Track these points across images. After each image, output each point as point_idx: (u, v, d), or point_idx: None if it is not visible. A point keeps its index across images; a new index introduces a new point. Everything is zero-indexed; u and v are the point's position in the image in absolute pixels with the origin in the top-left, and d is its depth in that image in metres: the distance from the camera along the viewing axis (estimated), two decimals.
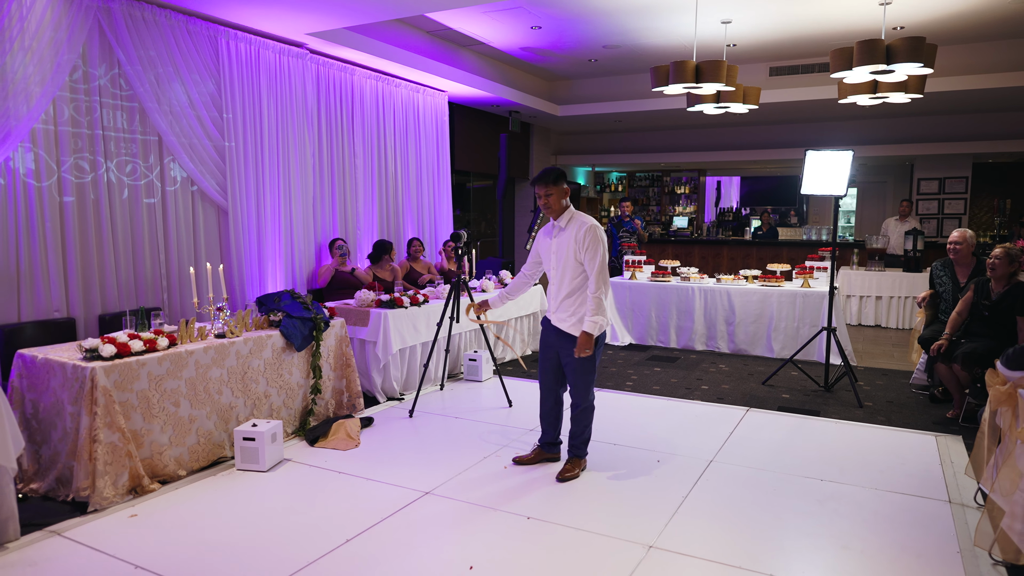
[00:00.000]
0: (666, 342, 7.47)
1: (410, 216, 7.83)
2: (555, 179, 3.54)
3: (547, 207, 3.55)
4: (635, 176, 14.78)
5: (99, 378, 3.38)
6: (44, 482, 3.55)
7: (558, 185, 3.54)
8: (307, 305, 4.62)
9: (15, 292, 4.29)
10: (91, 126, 4.65)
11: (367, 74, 7.10)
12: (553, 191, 3.52)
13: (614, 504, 3.45)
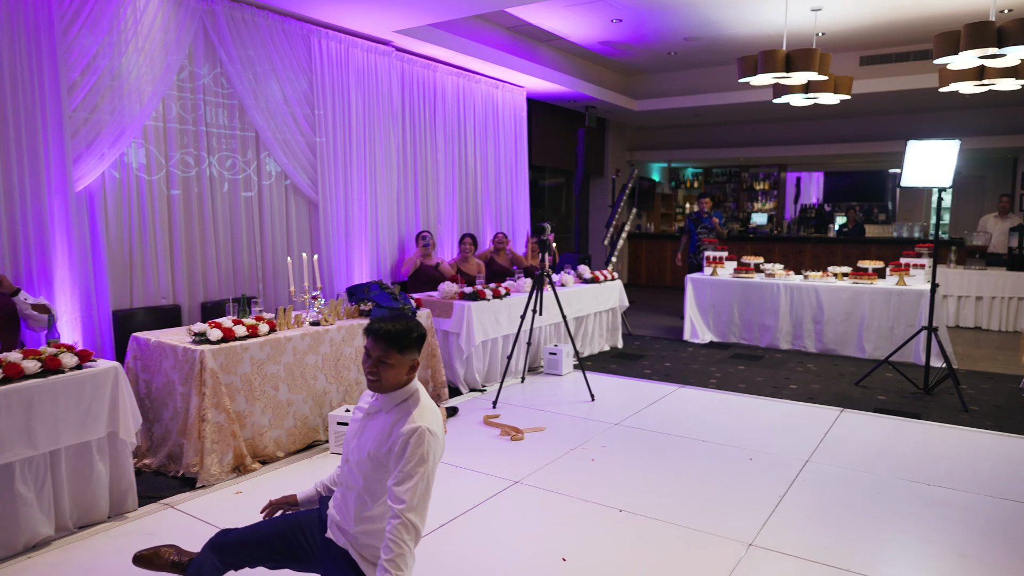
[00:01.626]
0: (749, 340, 7.26)
1: (489, 211, 7.89)
2: (402, 344, 1.97)
3: (373, 377, 1.98)
4: (711, 172, 14.44)
5: (208, 360, 3.54)
6: (156, 458, 3.75)
7: (406, 353, 1.98)
8: (395, 296, 4.72)
9: (128, 279, 4.55)
10: (195, 123, 4.88)
11: (448, 71, 7.19)
12: (393, 359, 1.96)
13: (708, 500, 3.37)
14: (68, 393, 2.96)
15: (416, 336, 2.04)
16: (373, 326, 2.03)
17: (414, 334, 2.03)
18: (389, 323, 2.02)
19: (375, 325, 2.03)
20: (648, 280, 12.69)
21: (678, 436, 4.33)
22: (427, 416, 1.99)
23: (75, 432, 3.00)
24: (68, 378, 2.97)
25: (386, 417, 2.01)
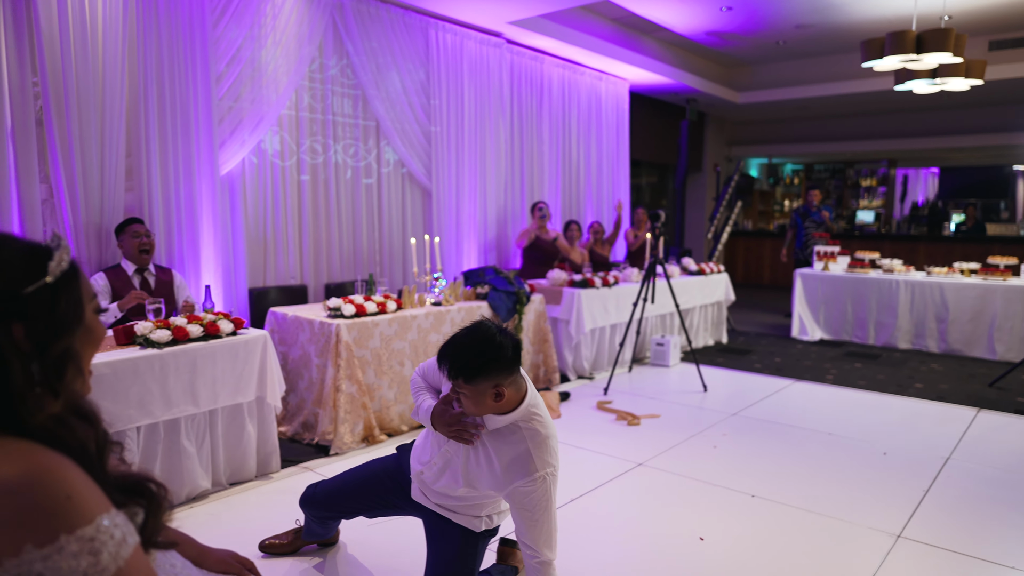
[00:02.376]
0: (863, 338, 6.94)
1: (590, 202, 7.88)
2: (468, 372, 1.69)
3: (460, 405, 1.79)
4: (813, 168, 13.88)
5: (343, 334, 3.71)
6: (291, 426, 3.96)
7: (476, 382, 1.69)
8: (510, 280, 4.79)
9: (262, 259, 4.82)
10: (324, 112, 5.11)
11: (555, 63, 7.23)
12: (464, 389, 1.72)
13: (845, 491, 3.25)
14: (225, 357, 3.17)
15: (491, 361, 1.65)
16: (444, 345, 1.73)
17: (487, 359, 1.64)
18: (459, 339, 1.70)
19: (446, 343, 1.74)
20: (745, 278, 12.34)
21: (801, 428, 4.20)
22: (544, 448, 1.74)
23: (230, 394, 3.20)
24: (225, 343, 3.17)
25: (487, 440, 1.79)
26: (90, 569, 0.76)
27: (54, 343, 0.88)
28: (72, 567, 0.75)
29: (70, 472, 0.81)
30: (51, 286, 0.87)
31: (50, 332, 0.87)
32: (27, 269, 0.85)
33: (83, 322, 0.92)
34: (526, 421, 1.79)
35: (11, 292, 0.83)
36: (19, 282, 0.84)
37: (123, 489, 0.91)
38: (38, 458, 0.80)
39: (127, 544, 0.81)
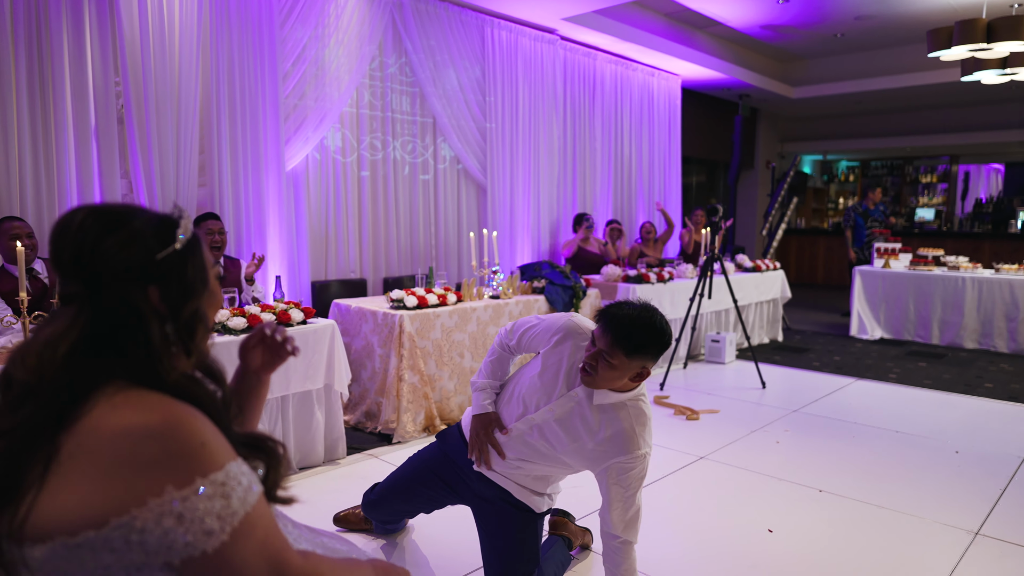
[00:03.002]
0: (926, 338, 6.73)
1: (641, 200, 7.84)
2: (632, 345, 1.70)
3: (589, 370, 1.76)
4: (869, 165, 13.49)
5: (406, 324, 3.78)
6: (354, 415, 4.05)
7: (634, 357, 1.72)
8: (566, 274, 4.81)
9: (324, 252, 4.94)
10: (383, 109, 5.22)
11: (607, 59, 7.22)
12: (617, 359, 1.72)
13: (917, 487, 3.17)
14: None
15: (657, 344, 1.71)
16: (611, 309, 1.75)
17: (655, 341, 1.70)
18: (630, 311, 1.72)
19: (613, 308, 1.75)
20: (798, 277, 12.08)
21: (867, 425, 4.10)
22: (645, 429, 1.81)
23: (300, 381, 3.30)
24: (295, 331, 3.27)
25: (590, 412, 1.82)
26: (223, 511, 0.81)
27: (186, 304, 0.94)
28: (207, 508, 0.80)
29: (203, 422, 0.87)
30: (180, 252, 0.93)
31: (181, 294, 0.94)
32: (158, 237, 0.92)
33: (208, 285, 0.99)
34: (634, 401, 1.84)
35: (147, 258, 0.90)
36: (153, 249, 0.91)
37: (246, 444, 0.97)
38: (176, 408, 0.86)
39: (253, 491, 0.86)
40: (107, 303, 0.88)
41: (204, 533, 0.80)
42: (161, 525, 0.79)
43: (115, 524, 0.78)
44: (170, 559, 0.80)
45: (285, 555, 0.89)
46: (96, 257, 0.88)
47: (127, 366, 0.87)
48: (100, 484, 0.79)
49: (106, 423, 0.81)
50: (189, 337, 0.95)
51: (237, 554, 0.82)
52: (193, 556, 0.80)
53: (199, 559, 0.80)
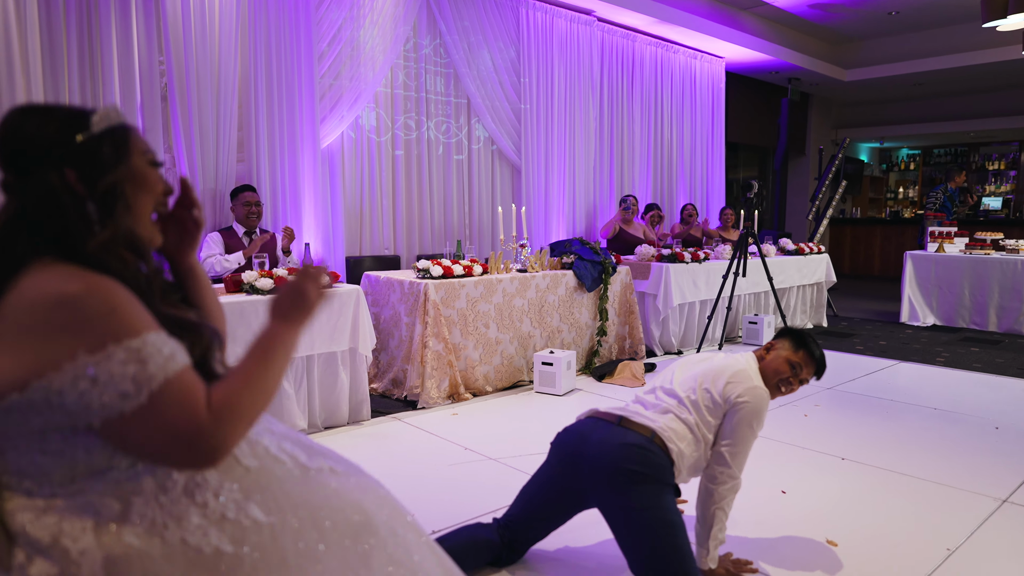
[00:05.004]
0: (983, 324, 6.43)
1: (683, 183, 7.73)
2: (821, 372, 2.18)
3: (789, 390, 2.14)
4: (931, 152, 12.93)
5: (431, 293, 3.86)
6: (381, 383, 4.15)
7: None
8: (596, 250, 4.80)
9: (358, 229, 5.08)
10: (417, 90, 5.32)
11: (647, 41, 7.16)
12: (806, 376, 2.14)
13: (946, 459, 3.06)
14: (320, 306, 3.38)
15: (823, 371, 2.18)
16: (812, 347, 2.14)
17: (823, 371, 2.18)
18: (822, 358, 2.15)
19: (813, 346, 2.15)
20: (852, 269, 11.68)
21: (903, 403, 3.97)
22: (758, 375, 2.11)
23: (325, 342, 3.41)
24: None
25: None
26: (139, 375, 0.86)
27: (101, 182, 1.00)
28: (121, 373, 0.86)
29: (118, 290, 0.92)
30: (97, 135, 1.00)
31: (97, 173, 1.00)
32: (76, 121, 1.00)
33: (128, 164, 1.03)
34: None
35: (64, 139, 0.98)
36: (69, 131, 0.98)
37: (174, 323, 1.02)
38: (92, 278, 0.91)
39: (176, 360, 0.91)
40: (32, 186, 0.96)
41: (120, 395, 0.86)
42: (77, 387, 0.85)
43: (35, 387, 0.85)
44: (90, 420, 0.87)
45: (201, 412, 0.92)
46: (17, 139, 0.96)
47: (52, 245, 0.94)
48: (20, 349, 0.86)
49: (25, 293, 0.89)
50: (108, 215, 1.00)
51: (156, 417, 0.87)
52: (111, 417, 0.86)
53: (117, 421, 0.86)
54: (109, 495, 0.94)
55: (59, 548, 0.90)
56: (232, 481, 1.02)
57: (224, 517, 0.98)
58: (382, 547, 1.11)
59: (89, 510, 0.93)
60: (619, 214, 6.18)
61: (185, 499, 0.97)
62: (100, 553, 0.90)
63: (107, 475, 0.95)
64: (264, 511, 1.01)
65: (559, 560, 2.18)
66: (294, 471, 1.11)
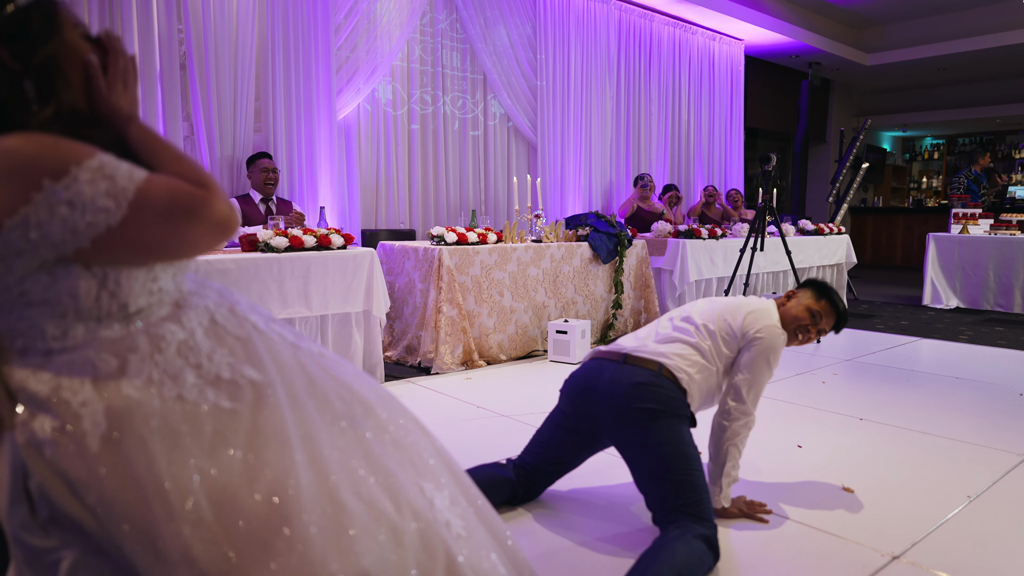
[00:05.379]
0: (1007, 306, 6.30)
1: (700, 166, 7.67)
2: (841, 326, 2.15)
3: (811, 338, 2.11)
4: (955, 142, 12.72)
5: (445, 258, 3.86)
6: (396, 351, 4.16)
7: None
8: (612, 223, 4.77)
9: (374, 202, 5.09)
10: (433, 64, 5.33)
11: (665, 21, 7.11)
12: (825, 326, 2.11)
13: (968, 420, 3.00)
14: (335, 267, 3.39)
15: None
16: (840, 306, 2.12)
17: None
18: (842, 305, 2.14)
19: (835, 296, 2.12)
20: (873, 260, 11.51)
21: (925, 372, 3.90)
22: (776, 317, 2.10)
23: (339, 303, 3.42)
24: (336, 255, 3.40)
25: None
26: (111, 189, 0.87)
27: (33, 57, 0.98)
28: (93, 191, 0.86)
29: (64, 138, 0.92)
30: (24, 9, 0.98)
31: (29, 48, 0.98)
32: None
33: (61, 38, 1.01)
34: None
35: None
36: None
37: None
38: (35, 131, 0.91)
39: (138, 171, 0.91)
40: None
41: (102, 211, 0.86)
42: (56, 214, 0.85)
43: (11, 226, 0.85)
44: (80, 244, 0.87)
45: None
46: None
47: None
48: None
49: None
50: (48, 89, 0.99)
51: (147, 215, 0.88)
52: (100, 234, 0.86)
53: (106, 236, 0.87)
54: (105, 351, 0.94)
55: (59, 400, 0.91)
56: (224, 348, 1.02)
57: (219, 377, 0.98)
58: (378, 420, 1.11)
59: (87, 366, 0.93)
60: (636, 192, 6.13)
61: (179, 359, 0.97)
62: (101, 404, 0.91)
63: (100, 332, 0.95)
64: (258, 372, 1.01)
65: (572, 499, 2.16)
66: (287, 339, 1.11)
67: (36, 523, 0.93)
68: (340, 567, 0.90)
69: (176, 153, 1.01)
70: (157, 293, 1.00)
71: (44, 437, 0.89)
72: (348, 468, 1.02)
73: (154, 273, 0.98)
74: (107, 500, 0.88)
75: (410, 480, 1.07)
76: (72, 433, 0.89)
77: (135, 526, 0.87)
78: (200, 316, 1.03)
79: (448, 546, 1.04)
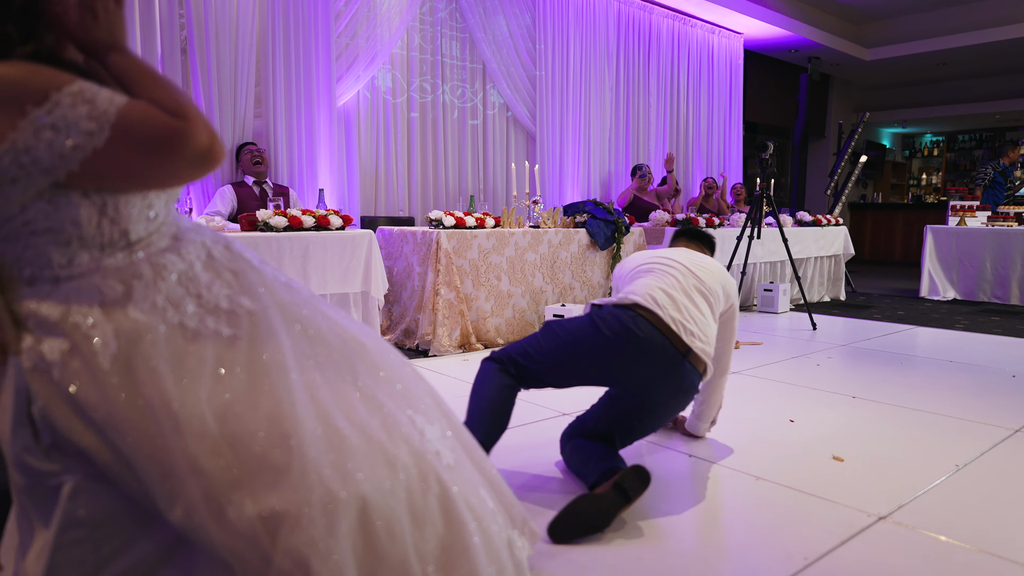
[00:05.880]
0: (1004, 298, 6.33)
1: (699, 159, 7.70)
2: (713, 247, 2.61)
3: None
4: (955, 138, 12.75)
5: (442, 241, 3.89)
6: (394, 334, 4.19)
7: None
8: (609, 210, 4.80)
9: (373, 189, 5.13)
10: (433, 53, 5.36)
11: (664, 13, 7.14)
12: None
13: (960, 398, 3.03)
14: (334, 248, 3.43)
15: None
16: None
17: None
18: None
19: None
20: (872, 255, 11.53)
21: (919, 357, 3.93)
22: None
23: (338, 282, 3.46)
24: (334, 235, 3.43)
25: None
26: (92, 111, 0.89)
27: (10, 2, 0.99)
28: (75, 115, 0.88)
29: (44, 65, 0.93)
30: None
31: None
32: None
33: None
34: None
35: None
36: None
37: None
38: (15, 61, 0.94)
39: (118, 96, 0.92)
40: None
41: (85, 134, 0.89)
42: (41, 138, 0.88)
43: (1, 152, 0.88)
44: (69, 167, 0.90)
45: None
46: None
47: None
48: None
49: None
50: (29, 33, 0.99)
51: (130, 139, 0.90)
52: (87, 157, 0.89)
53: (93, 159, 0.90)
54: (111, 278, 0.97)
55: (69, 323, 0.94)
56: (222, 281, 1.05)
57: (218, 307, 1.02)
58: (371, 357, 1.14)
59: (94, 292, 0.96)
60: (635, 182, 6.16)
61: (180, 288, 1.01)
62: (110, 326, 0.94)
63: (104, 261, 0.98)
64: (254, 302, 1.05)
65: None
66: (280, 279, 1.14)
67: (39, 448, 0.96)
68: (337, 477, 0.94)
69: (156, 80, 0.99)
70: (154, 220, 1.03)
71: (52, 359, 0.92)
72: (341, 395, 1.05)
73: (149, 200, 1.01)
74: (115, 418, 0.91)
75: (400, 411, 1.11)
76: (83, 353, 0.92)
77: (143, 442, 0.90)
78: (198, 250, 1.07)
79: (439, 475, 1.07)
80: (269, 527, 0.89)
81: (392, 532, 0.96)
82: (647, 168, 6.12)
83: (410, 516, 1.00)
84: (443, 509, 1.04)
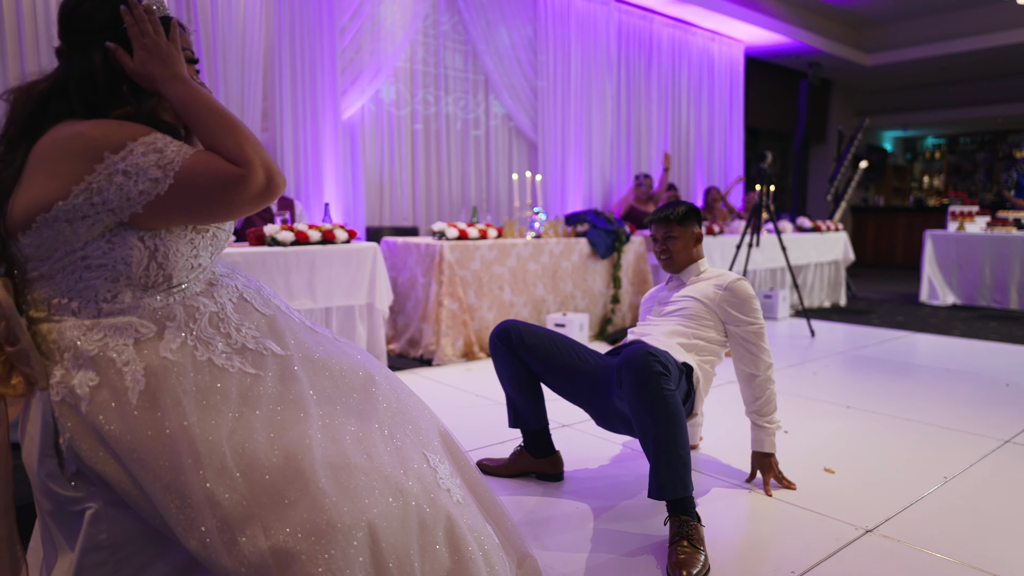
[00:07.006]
0: (1003, 303, 6.38)
1: (700, 167, 7.77)
2: (682, 217, 2.25)
3: (665, 256, 2.27)
4: (957, 141, 12.76)
5: (446, 253, 3.97)
6: (399, 344, 4.27)
7: (685, 225, 2.25)
8: (610, 220, 4.87)
9: (378, 200, 5.21)
10: (436, 65, 5.44)
11: (664, 22, 7.21)
12: (677, 233, 2.24)
13: (953, 408, 3.09)
14: (339, 261, 3.51)
15: (689, 208, 2.27)
16: (651, 216, 2.32)
17: (685, 207, 2.26)
18: (660, 209, 2.30)
19: (652, 215, 2.31)
20: (874, 258, 11.58)
21: (916, 364, 3.99)
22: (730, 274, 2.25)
23: (343, 295, 3.54)
24: (339, 249, 3.51)
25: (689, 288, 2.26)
26: (160, 161, 1.00)
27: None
28: (145, 162, 1.00)
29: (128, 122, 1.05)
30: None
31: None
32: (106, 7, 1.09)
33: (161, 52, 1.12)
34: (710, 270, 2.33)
35: (112, 22, 1.08)
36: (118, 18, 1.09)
37: None
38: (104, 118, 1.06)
39: (186, 148, 1.03)
40: (76, 60, 1.09)
41: (152, 181, 0.99)
42: (113, 182, 0.99)
43: (76, 192, 0.99)
44: (134, 209, 0.99)
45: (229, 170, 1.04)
46: (74, 16, 1.09)
47: (83, 109, 1.08)
48: (56, 170, 1.01)
49: (54, 135, 1.04)
50: (138, 95, 1.10)
51: (189, 189, 1.01)
52: (151, 201, 0.99)
53: (156, 203, 1.00)
54: (147, 318, 1.06)
55: (105, 359, 1.03)
56: (251, 323, 1.14)
57: (245, 347, 1.10)
58: (387, 397, 1.22)
59: (129, 330, 1.05)
60: (632, 192, 6.24)
61: (211, 328, 1.09)
62: (141, 364, 1.03)
63: (144, 300, 1.07)
64: (281, 347, 1.13)
65: (570, 478, 2.26)
66: (305, 323, 1.23)
67: (64, 476, 1.04)
68: (349, 511, 1.01)
69: (220, 120, 1.05)
70: (197, 269, 1.12)
71: (82, 393, 1.01)
72: (359, 435, 1.13)
73: (196, 250, 1.11)
74: (138, 449, 0.99)
75: (415, 450, 1.18)
76: (113, 387, 1.01)
77: (164, 473, 0.98)
78: (230, 293, 1.16)
79: (449, 510, 1.14)
80: (280, 561, 0.96)
81: (402, 566, 1.03)
82: (643, 177, 6.21)
83: (420, 550, 1.07)
84: (451, 544, 1.10)
